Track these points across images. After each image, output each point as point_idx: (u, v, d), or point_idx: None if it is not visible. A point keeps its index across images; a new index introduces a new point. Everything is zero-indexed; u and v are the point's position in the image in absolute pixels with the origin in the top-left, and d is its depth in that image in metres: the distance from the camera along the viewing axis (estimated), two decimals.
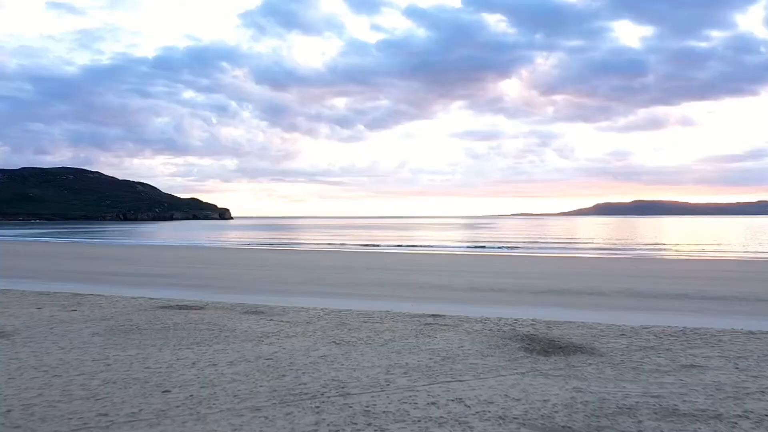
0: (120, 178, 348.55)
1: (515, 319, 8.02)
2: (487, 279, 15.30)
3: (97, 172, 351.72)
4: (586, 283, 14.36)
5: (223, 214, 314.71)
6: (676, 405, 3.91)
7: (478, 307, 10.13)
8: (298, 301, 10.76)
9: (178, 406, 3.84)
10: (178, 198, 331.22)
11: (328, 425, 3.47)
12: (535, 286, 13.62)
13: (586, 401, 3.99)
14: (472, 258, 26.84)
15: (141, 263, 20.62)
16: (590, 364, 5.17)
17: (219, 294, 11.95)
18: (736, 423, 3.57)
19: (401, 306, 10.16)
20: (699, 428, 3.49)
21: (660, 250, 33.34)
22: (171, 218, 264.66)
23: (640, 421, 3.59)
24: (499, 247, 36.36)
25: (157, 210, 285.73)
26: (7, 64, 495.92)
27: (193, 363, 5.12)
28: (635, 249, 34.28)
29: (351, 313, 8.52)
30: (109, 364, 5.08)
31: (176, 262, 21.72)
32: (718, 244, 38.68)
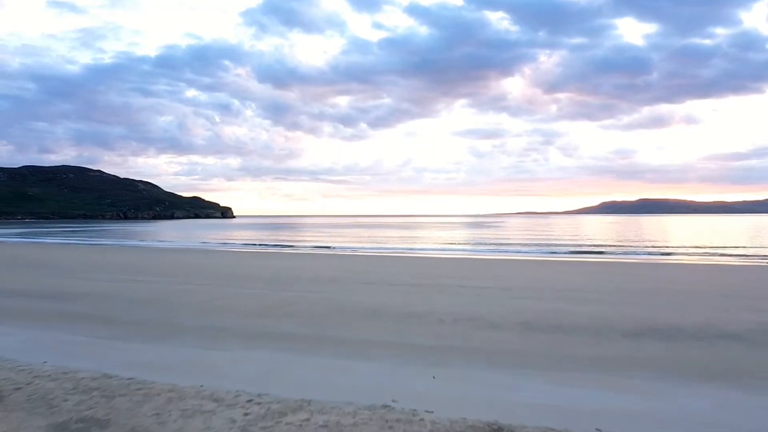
0: (122, 177, 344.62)
1: None
2: (535, 303, 10.52)
3: (99, 171, 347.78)
4: (694, 311, 9.56)
5: (225, 212, 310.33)
6: None
7: (563, 386, 5.37)
8: (232, 360, 6.04)
9: None
10: (180, 196, 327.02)
11: None
12: (619, 317, 8.85)
13: None
14: (494, 264, 22.06)
15: (72, 273, 15.93)
16: None
17: (107, 341, 7.23)
18: None
19: (414, 378, 5.43)
20: None
21: (723, 254, 28.21)
22: (172, 217, 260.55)
23: None
24: (526, 251, 31.46)
25: (158, 209, 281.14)
26: (10, 63, 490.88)
27: None
28: (688, 253, 29.32)
29: (306, 422, 3.83)
30: None
31: (118, 270, 17.03)
32: None
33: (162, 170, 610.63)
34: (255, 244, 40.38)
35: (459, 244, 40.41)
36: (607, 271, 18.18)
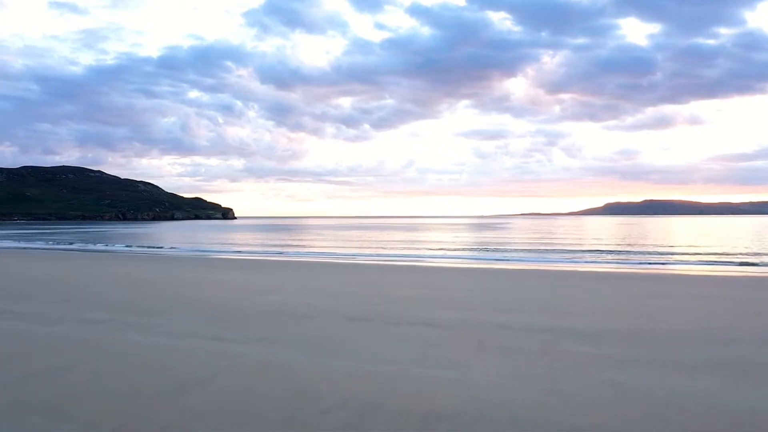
0: (122, 178, 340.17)
1: None
2: (664, 377, 5.65)
3: (99, 171, 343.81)
4: None
5: (227, 213, 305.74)
6: None
7: None
8: None
9: None
10: (181, 197, 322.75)
11: None
12: None
13: None
14: (529, 279, 17.23)
15: None
16: None
17: None
18: None
19: None
20: None
21: None
22: (172, 218, 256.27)
23: None
24: (554, 260, 26.38)
25: (157, 209, 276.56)
26: (13, 65, 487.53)
27: None
28: (751, 261, 24.40)
29: None
30: None
31: (4, 292, 12.33)
32: None
33: (165, 171, 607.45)
34: (238, 251, 35.61)
35: (472, 250, 35.52)
36: (702, 294, 13.09)
